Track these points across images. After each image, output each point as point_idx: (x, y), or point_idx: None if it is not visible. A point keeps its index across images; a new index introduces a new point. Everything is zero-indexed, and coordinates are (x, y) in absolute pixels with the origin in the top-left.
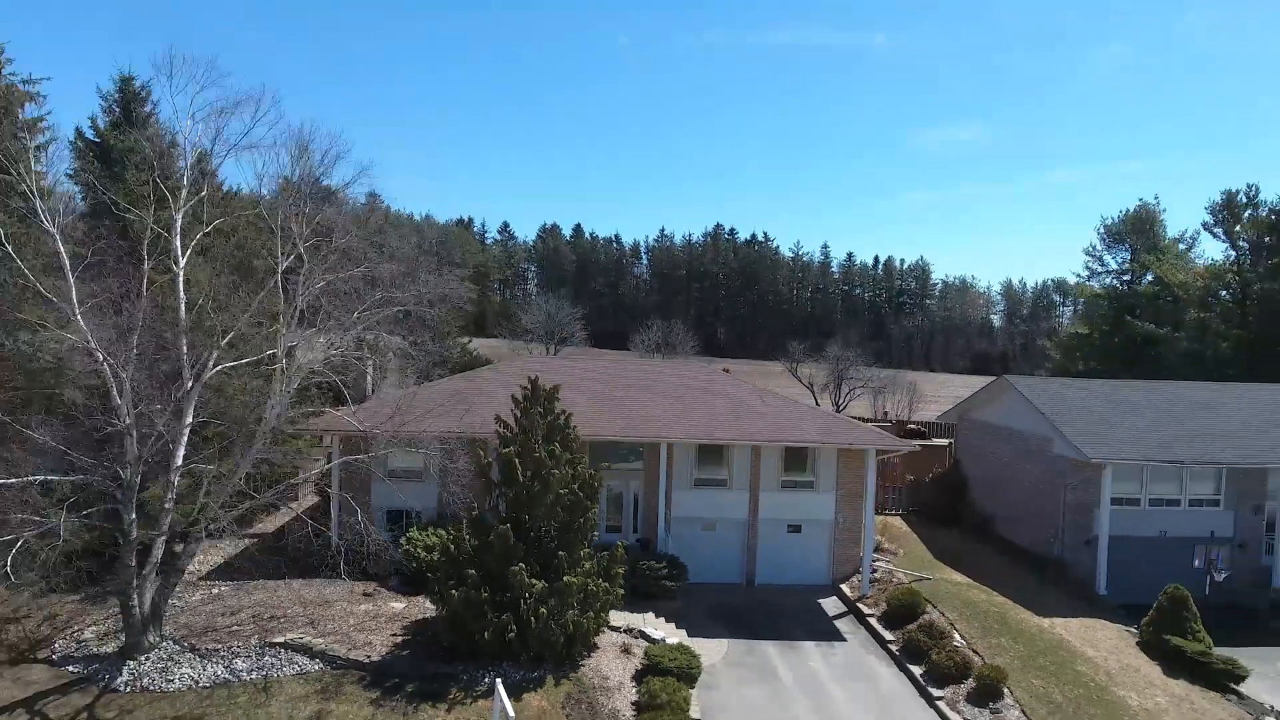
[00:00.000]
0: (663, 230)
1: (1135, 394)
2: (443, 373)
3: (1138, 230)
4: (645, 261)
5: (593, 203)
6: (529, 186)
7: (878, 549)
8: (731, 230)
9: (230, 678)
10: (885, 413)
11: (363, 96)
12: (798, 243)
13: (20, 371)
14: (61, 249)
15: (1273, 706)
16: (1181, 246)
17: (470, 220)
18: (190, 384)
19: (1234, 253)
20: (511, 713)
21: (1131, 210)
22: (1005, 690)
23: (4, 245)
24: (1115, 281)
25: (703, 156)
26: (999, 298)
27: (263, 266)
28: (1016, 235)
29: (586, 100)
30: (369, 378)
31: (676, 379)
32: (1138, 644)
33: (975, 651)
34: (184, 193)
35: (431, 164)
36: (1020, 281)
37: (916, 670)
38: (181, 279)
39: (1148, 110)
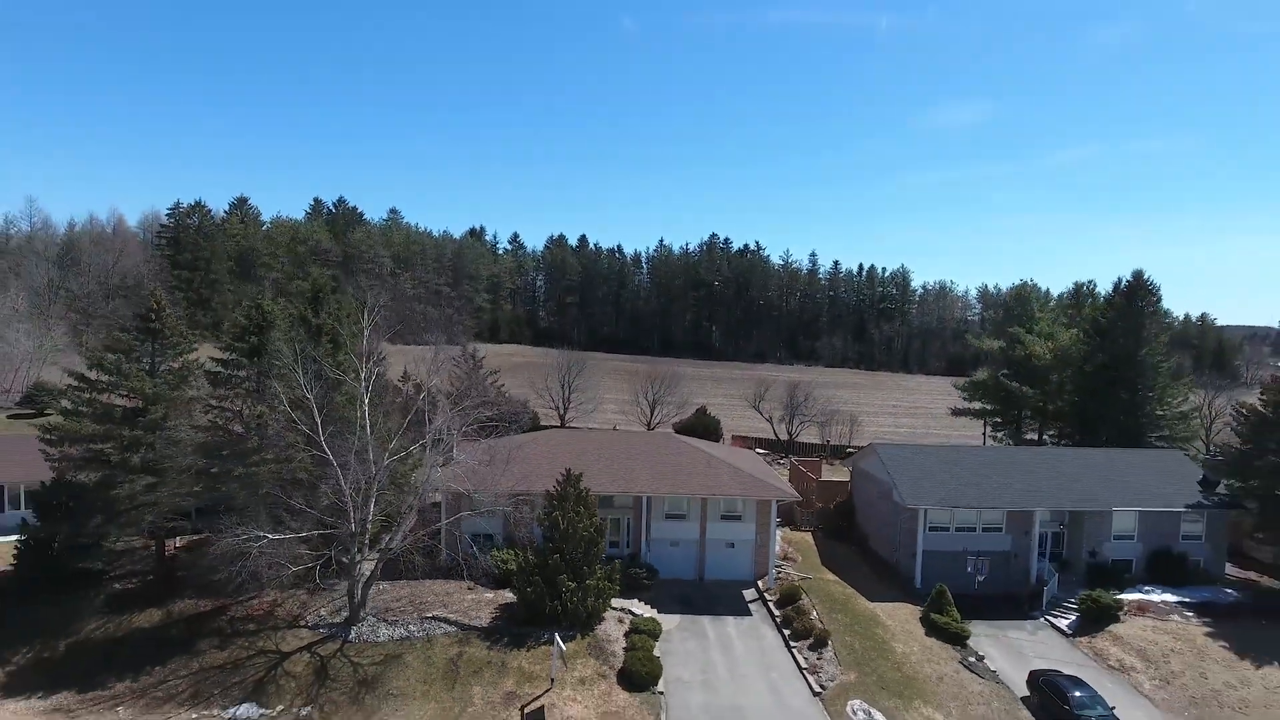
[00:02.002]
0: (661, 241)
1: (958, 455)
2: (517, 430)
3: (1020, 301)
4: (645, 270)
5: (597, 213)
6: (537, 196)
7: (785, 557)
8: (726, 240)
9: (406, 635)
10: (827, 440)
11: (382, 110)
12: (787, 251)
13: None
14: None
15: (977, 651)
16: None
17: (482, 229)
18: (378, 475)
19: (1080, 333)
20: (564, 647)
21: (1014, 286)
22: (829, 643)
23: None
24: (1001, 343)
25: (703, 156)
26: (976, 302)
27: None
28: (1005, 229)
29: (593, 94)
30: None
31: (651, 448)
32: (919, 618)
33: (820, 622)
34: (367, 364)
35: (444, 176)
36: (995, 286)
37: (786, 633)
38: (367, 415)
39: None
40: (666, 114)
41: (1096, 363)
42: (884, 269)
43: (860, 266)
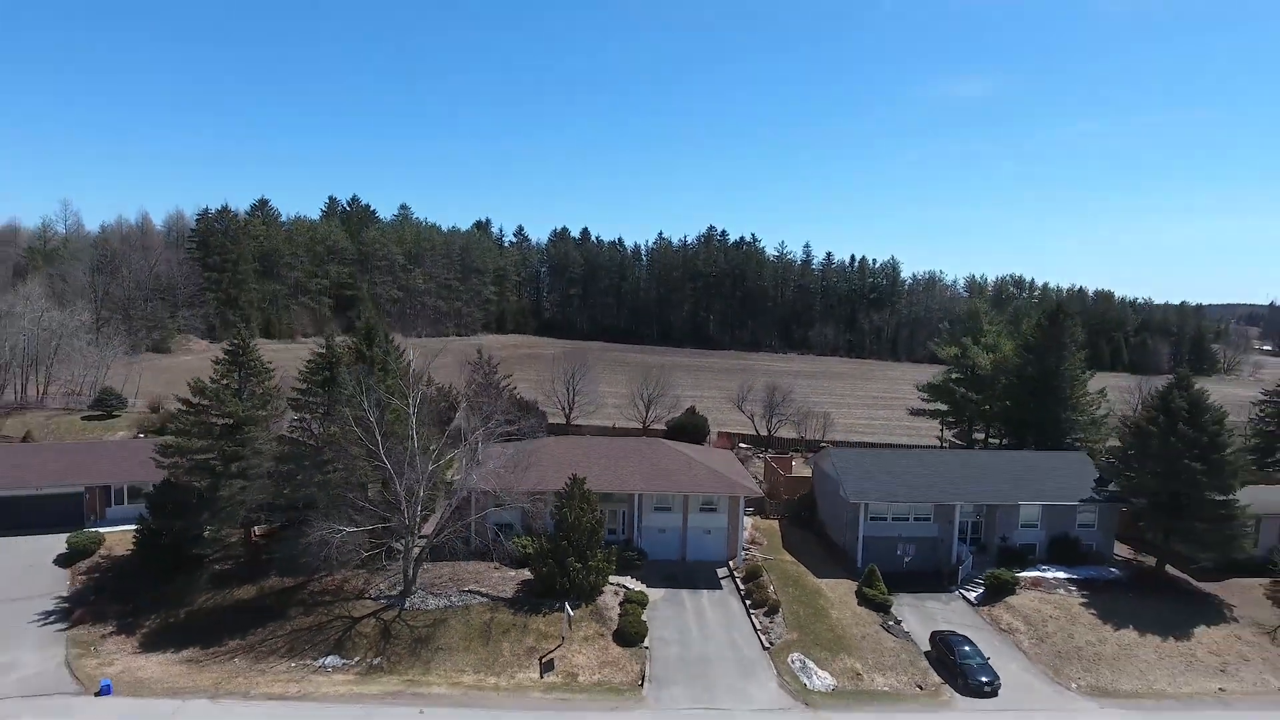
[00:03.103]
0: (660, 234)
1: (896, 457)
2: (540, 434)
3: (971, 316)
4: (645, 263)
5: (598, 206)
6: (542, 186)
7: (753, 541)
8: (723, 232)
9: (449, 604)
10: (802, 436)
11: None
12: (782, 243)
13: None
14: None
15: (897, 617)
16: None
17: (488, 221)
18: (422, 478)
19: (1017, 346)
20: (571, 613)
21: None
22: (780, 610)
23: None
24: (956, 351)
25: (705, 139)
26: (963, 292)
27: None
28: (1007, 202)
29: (593, 74)
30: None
31: (642, 452)
32: (855, 592)
33: (774, 594)
34: (413, 386)
35: (452, 170)
36: (982, 276)
37: (748, 602)
38: (414, 431)
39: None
40: (669, 97)
41: (1026, 375)
42: (875, 260)
43: (852, 257)
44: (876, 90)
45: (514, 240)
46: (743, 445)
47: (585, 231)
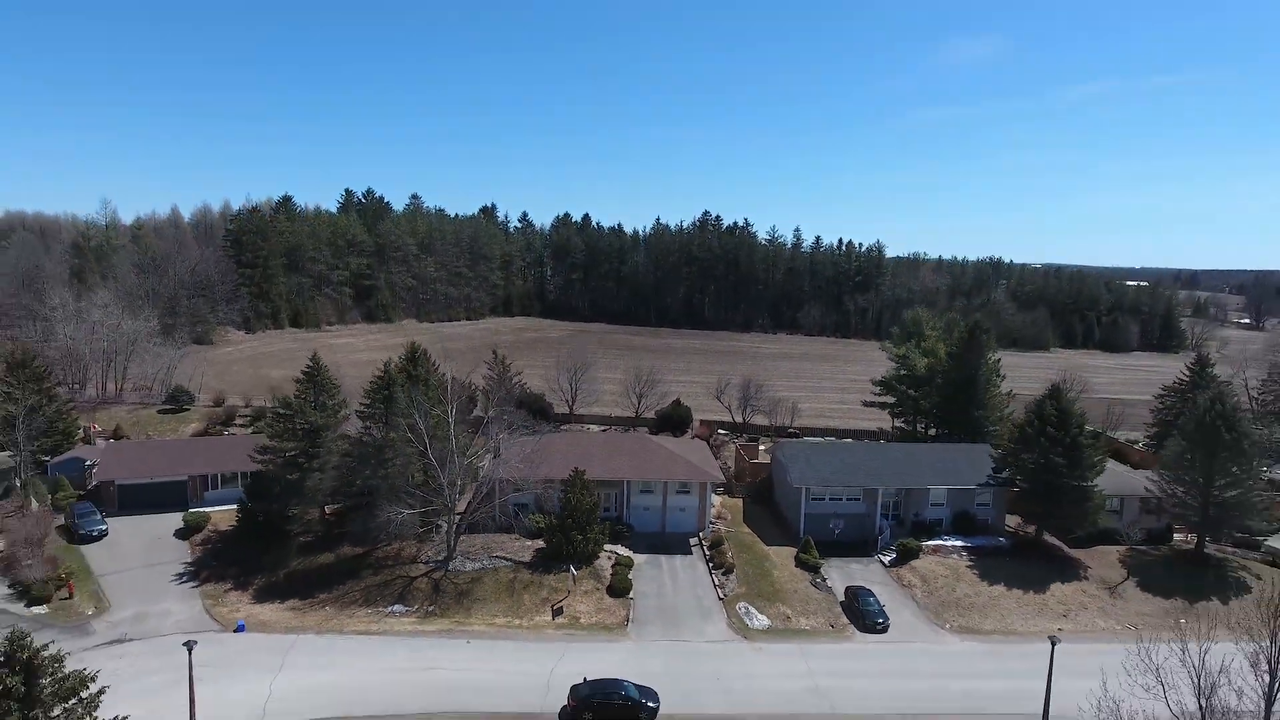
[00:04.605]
0: (658, 220)
1: (835, 449)
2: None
3: (914, 325)
4: (643, 248)
5: (599, 192)
6: (546, 174)
7: (719, 516)
8: (717, 217)
9: (482, 566)
10: (772, 423)
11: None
12: (773, 228)
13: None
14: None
15: (825, 576)
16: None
17: (494, 207)
18: (459, 468)
19: (947, 353)
20: (575, 573)
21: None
22: (734, 570)
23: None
24: (902, 352)
25: (708, 111)
26: (946, 273)
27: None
28: (1016, 167)
29: (593, 58)
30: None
31: (632, 447)
32: (794, 557)
33: (732, 558)
34: (451, 399)
35: (460, 156)
36: (963, 258)
37: (711, 565)
38: (453, 433)
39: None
40: (668, 92)
41: (951, 379)
42: (861, 244)
43: (839, 241)
44: (876, 61)
45: (519, 226)
46: (721, 431)
47: (586, 217)
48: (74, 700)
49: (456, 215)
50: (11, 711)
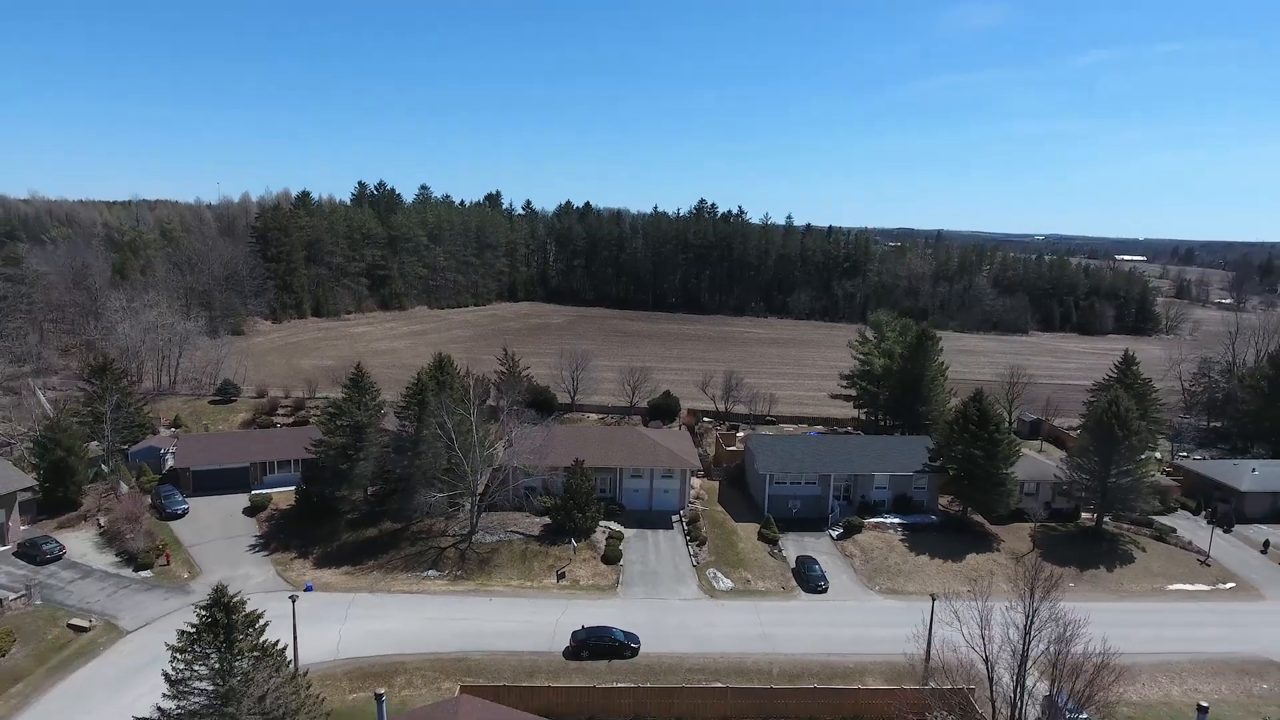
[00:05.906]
0: (656, 207)
1: (796, 441)
2: (556, 418)
3: (876, 326)
4: (641, 235)
5: (600, 180)
6: (549, 162)
7: (697, 497)
8: (712, 205)
9: (499, 539)
10: (752, 411)
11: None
12: (766, 215)
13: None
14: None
15: (781, 548)
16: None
17: (499, 194)
18: (480, 459)
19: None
20: (575, 545)
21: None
22: (707, 543)
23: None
24: (866, 350)
25: (709, 78)
26: (930, 259)
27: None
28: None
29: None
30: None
31: (624, 438)
32: (757, 532)
33: (705, 532)
34: (473, 401)
35: (467, 144)
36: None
37: (688, 538)
38: (474, 428)
39: None
40: (668, 84)
41: (901, 379)
42: (849, 230)
43: (830, 228)
44: (873, 29)
45: (522, 213)
46: (705, 419)
47: (587, 205)
48: (251, 629)
49: (463, 203)
50: (220, 632)
